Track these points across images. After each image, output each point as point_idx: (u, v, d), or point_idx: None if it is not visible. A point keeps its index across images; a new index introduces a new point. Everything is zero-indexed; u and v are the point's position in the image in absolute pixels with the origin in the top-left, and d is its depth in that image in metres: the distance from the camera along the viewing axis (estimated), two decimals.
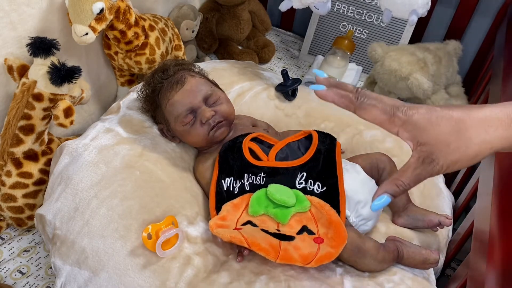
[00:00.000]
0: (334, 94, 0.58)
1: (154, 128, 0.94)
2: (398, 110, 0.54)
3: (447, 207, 0.96)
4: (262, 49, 1.53)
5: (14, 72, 0.86)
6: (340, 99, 0.57)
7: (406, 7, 1.02)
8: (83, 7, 0.86)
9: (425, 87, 1.20)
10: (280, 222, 0.75)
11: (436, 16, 1.45)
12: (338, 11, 1.46)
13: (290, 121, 1.09)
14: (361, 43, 1.47)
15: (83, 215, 0.77)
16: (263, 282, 0.72)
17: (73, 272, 0.74)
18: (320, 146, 0.86)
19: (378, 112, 0.55)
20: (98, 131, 0.89)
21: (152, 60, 1.10)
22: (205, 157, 0.91)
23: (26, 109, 0.85)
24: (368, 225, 0.84)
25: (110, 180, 0.81)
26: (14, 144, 0.87)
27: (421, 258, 0.82)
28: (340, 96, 0.57)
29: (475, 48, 1.45)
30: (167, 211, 0.79)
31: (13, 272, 0.89)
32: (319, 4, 1.06)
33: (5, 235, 0.95)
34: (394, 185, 0.55)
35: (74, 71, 0.83)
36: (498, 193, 0.72)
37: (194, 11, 1.35)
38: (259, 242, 0.69)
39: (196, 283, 0.71)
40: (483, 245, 0.67)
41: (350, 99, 0.57)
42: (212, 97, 0.90)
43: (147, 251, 0.73)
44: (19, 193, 0.90)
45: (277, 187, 0.78)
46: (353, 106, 0.57)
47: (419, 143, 0.53)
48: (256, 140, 0.88)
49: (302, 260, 0.70)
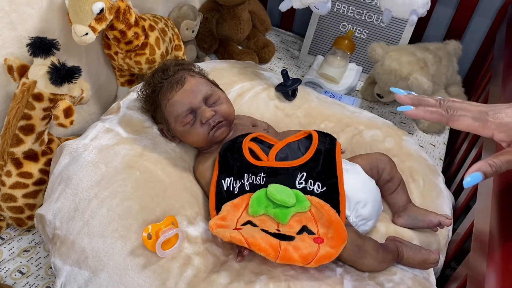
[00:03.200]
0: (424, 112, 0.62)
1: (154, 128, 0.95)
2: (487, 115, 0.58)
3: (447, 207, 0.96)
4: (262, 49, 1.53)
5: (14, 72, 0.86)
6: (431, 115, 0.62)
7: (406, 7, 1.02)
8: (83, 7, 0.86)
9: (425, 87, 1.20)
10: (280, 222, 0.75)
11: (436, 16, 1.45)
12: (338, 11, 1.46)
13: (290, 121, 1.09)
14: (361, 43, 1.47)
15: (83, 215, 0.77)
16: (263, 282, 0.72)
17: (73, 272, 0.74)
18: (320, 146, 0.86)
19: (470, 121, 0.59)
20: (98, 131, 0.89)
21: (152, 60, 1.10)
22: (205, 157, 0.91)
23: (26, 109, 0.85)
24: (368, 225, 0.84)
25: (110, 180, 0.81)
26: (14, 144, 0.87)
27: (421, 258, 0.82)
28: (430, 113, 0.62)
29: (475, 48, 1.45)
30: (167, 211, 0.79)
31: (13, 272, 0.89)
32: (319, 4, 1.06)
33: (5, 235, 0.95)
34: (487, 165, 0.58)
35: (74, 71, 0.83)
36: (498, 193, 0.72)
37: (194, 11, 1.35)
38: (259, 242, 0.69)
39: (196, 283, 0.71)
40: (483, 245, 0.67)
41: (441, 113, 0.61)
42: (212, 97, 0.90)
43: (147, 251, 0.73)
44: (19, 193, 0.90)
45: (277, 187, 0.78)
46: (445, 119, 0.61)
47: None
48: (256, 140, 0.88)
49: (302, 260, 0.70)
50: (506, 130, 0.58)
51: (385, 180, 0.90)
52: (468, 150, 1.14)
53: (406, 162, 1.00)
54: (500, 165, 0.58)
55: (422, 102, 0.63)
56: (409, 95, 0.64)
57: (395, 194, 0.91)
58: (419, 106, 0.63)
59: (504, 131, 0.58)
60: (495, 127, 0.58)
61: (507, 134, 0.58)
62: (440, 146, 1.28)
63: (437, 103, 0.62)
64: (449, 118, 0.60)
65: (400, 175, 0.93)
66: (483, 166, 0.58)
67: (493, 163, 0.58)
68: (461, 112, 0.60)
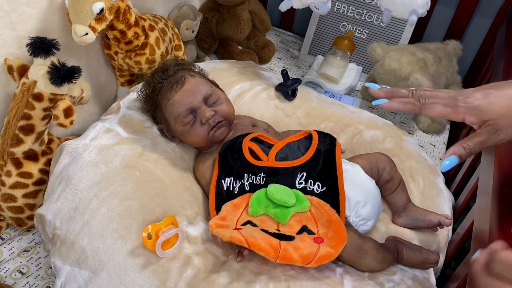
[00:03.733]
0: (398, 104, 0.66)
1: (154, 128, 0.95)
2: (457, 100, 0.62)
3: (447, 207, 0.96)
4: (262, 49, 1.53)
5: (14, 72, 0.86)
6: (405, 106, 0.66)
7: (406, 7, 1.02)
8: (83, 7, 0.86)
9: (425, 87, 1.20)
10: (280, 222, 0.75)
11: (436, 16, 1.45)
12: (338, 11, 1.46)
13: (290, 121, 1.09)
14: (361, 43, 1.47)
15: (83, 215, 0.77)
16: (263, 282, 0.72)
17: (73, 272, 0.74)
18: (320, 146, 0.86)
19: (441, 107, 0.63)
20: (98, 131, 0.89)
21: (152, 60, 1.10)
22: (205, 157, 0.91)
23: (26, 109, 0.85)
24: (368, 225, 0.84)
25: (110, 180, 0.81)
26: (14, 144, 0.87)
27: (421, 258, 0.82)
28: (404, 104, 0.66)
29: (475, 48, 1.45)
30: (167, 211, 0.79)
31: (13, 272, 0.89)
32: (319, 4, 1.06)
33: (5, 235, 0.95)
34: (461, 147, 0.61)
35: (74, 71, 0.83)
36: (498, 193, 0.72)
37: (194, 11, 1.35)
38: (259, 242, 0.69)
39: (196, 283, 0.71)
40: (483, 245, 0.67)
41: (413, 103, 0.65)
42: (212, 97, 0.90)
43: (147, 251, 0.73)
44: (19, 193, 0.90)
45: (277, 187, 0.78)
46: (417, 108, 0.65)
47: (484, 121, 0.61)
48: (256, 140, 0.88)
49: (302, 260, 0.70)
50: (475, 113, 0.61)
51: (385, 180, 0.90)
52: None
53: (406, 162, 1.00)
54: (473, 147, 0.61)
55: (395, 94, 0.67)
56: (383, 89, 0.68)
57: (395, 194, 0.91)
58: (392, 99, 0.66)
59: (474, 114, 0.61)
60: (465, 111, 0.62)
61: (476, 117, 0.61)
62: (440, 146, 1.28)
63: (409, 94, 0.65)
64: (421, 107, 0.64)
65: (400, 175, 0.93)
66: (457, 149, 0.62)
67: (466, 145, 0.61)
68: (433, 100, 0.64)
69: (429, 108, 0.64)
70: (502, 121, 0.60)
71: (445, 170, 0.62)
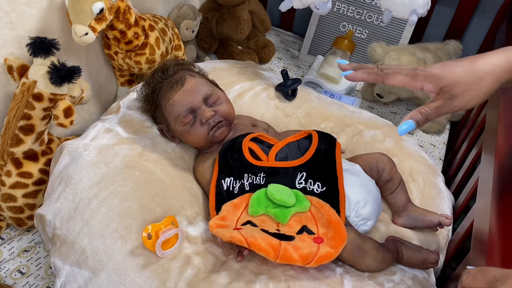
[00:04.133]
0: (362, 73, 0.70)
1: (154, 128, 0.95)
2: (417, 69, 0.66)
3: (447, 207, 0.96)
4: (262, 49, 1.53)
5: (14, 72, 0.86)
6: (369, 76, 0.69)
7: (406, 7, 1.02)
8: (83, 7, 0.86)
9: None
10: (280, 222, 0.75)
11: (436, 16, 1.45)
12: (338, 11, 1.46)
13: (290, 121, 1.09)
14: (361, 43, 1.47)
15: (83, 215, 0.77)
16: (263, 282, 0.72)
17: (73, 272, 0.74)
18: (320, 146, 0.86)
19: (402, 76, 0.67)
20: (98, 131, 0.89)
21: (152, 60, 1.10)
22: (205, 157, 0.91)
23: (26, 109, 0.85)
24: (368, 225, 0.84)
25: (110, 180, 0.81)
26: (14, 144, 0.87)
27: (421, 258, 0.82)
28: (368, 74, 0.70)
29: (475, 48, 1.45)
30: (167, 211, 0.79)
31: (13, 272, 0.89)
32: (319, 4, 1.06)
33: (5, 235, 0.95)
34: (418, 113, 0.65)
35: (74, 71, 0.83)
36: (498, 193, 0.72)
37: (194, 11, 1.35)
38: (259, 242, 0.69)
39: (196, 283, 0.71)
40: (483, 245, 0.67)
41: (377, 73, 0.69)
42: (212, 97, 0.90)
43: (147, 251, 0.73)
44: (19, 193, 0.90)
45: (277, 187, 0.78)
46: (381, 77, 0.69)
47: (441, 88, 0.64)
48: (256, 140, 0.88)
49: (302, 260, 0.70)
50: (433, 80, 0.65)
51: (385, 180, 0.90)
52: (468, 150, 1.14)
53: (406, 162, 1.00)
54: (429, 112, 0.65)
55: (362, 66, 0.71)
56: (351, 63, 0.71)
57: (395, 194, 0.91)
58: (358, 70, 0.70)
59: (431, 81, 0.65)
60: (423, 78, 0.65)
61: (434, 84, 0.65)
62: (440, 146, 1.28)
63: (374, 66, 0.69)
64: (384, 76, 0.68)
65: (400, 175, 0.93)
66: (414, 114, 0.65)
67: (423, 111, 0.65)
68: (395, 70, 0.68)
69: (391, 77, 0.68)
70: (457, 88, 0.63)
71: (402, 134, 0.65)
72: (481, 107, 1.16)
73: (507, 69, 0.62)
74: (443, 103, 0.64)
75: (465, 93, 0.63)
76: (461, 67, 0.63)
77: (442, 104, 0.64)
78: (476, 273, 0.47)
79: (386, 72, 0.68)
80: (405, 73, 0.67)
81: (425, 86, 0.66)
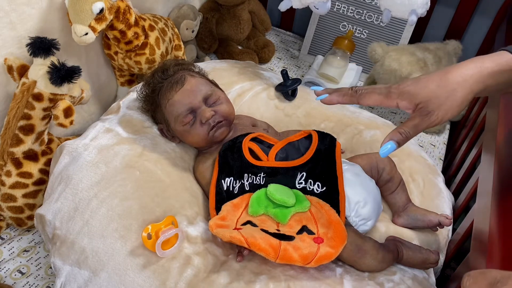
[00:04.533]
0: (337, 96, 0.71)
1: (154, 128, 0.95)
2: (391, 88, 0.67)
3: (447, 207, 0.96)
4: (262, 49, 1.53)
5: (14, 72, 0.86)
6: (344, 98, 0.70)
7: (406, 7, 1.02)
8: (83, 7, 0.86)
9: None
10: (280, 222, 0.75)
11: (436, 16, 1.45)
12: (338, 11, 1.46)
13: (290, 121, 1.09)
14: (361, 43, 1.47)
15: (83, 215, 0.77)
16: (263, 282, 0.72)
17: (73, 272, 0.74)
18: (320, 146, 0.86)
19: (375, 96, 0.68)
20: (98, 131, 0.89)
21: (152, 60, 1.10)
22: (205, 157, 0.91)
23: (26, 109, 0.85)
24: (368, 225, 0.84)
25: (110, 180, 0.81)
26: (14, 144, 0.87)
27: (421, 258, 0.82)
28: (343, 96, 0.71)
29: (475, 48, 1.45)
30: (167, 211, 0.79)
31: (13, 272, 0.89)
32: (318, 4, 1.06)
33: (5, 235, 0.95)
34: (397, 133, 0.65)
35: (74, 71, 0.83)
36: (498, 193, 0.72)
37: (194, 11, 1.35)
38: (259, 242, 0.69)
39: (196, 283, 0.71)
40: (483, 245, 0.67)
41: (351, 94, 0.70)
42: (212, 97, 0.90)
43: (147, 251, 0.73)
44: (19, 193, 0.90)
45: (277, 187, 0.78)
46: (355, 99, 0.69)
47: (415, 104, 0.65)
48: (256, 140, 0.88)
49: (302, 260, 0.70)
50: (407, 97, 0.65)
51: (385, 180, 0.90)
52: (468, 150, 1.14)
53: (406, 162, 1.00)
54: (408, 131, 0.65)
55: (336, 90, 0.72)
56: (327, 88, 0.73)
57: (395, 194, 0.91)
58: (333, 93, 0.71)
59: (406, 98, 0.65)
60: (397, 96, 0.66)
61: (408, 101, 0.65)
62: (440, 146, 1.28)
63: (349, 89, 0.70)
64: (358, 97, 0.69)
65: (400, 175, 0.93)
66: (394, 135, 0.65)
67: (402, 130, 0.65)
68: (368, 90, 0.68)
69: (365, 97, 0.68)
70: (431, 103, 0.63)
71: (384, 156, 0.65)
72: (481, 107, 1.16)
73: (478, 79, 0.62)
74: (420, 120, 0.64)
75: (440, 107, 0.63)
76: (432, 82, 0.64)
77: (420, 121, 0.64)
78: (476, 275, 0.47)
79: (360, 93, 0.69)
80: (378, 91, 0.67)
81: (400, 104, 0.66)
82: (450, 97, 0.63)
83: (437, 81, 0.64)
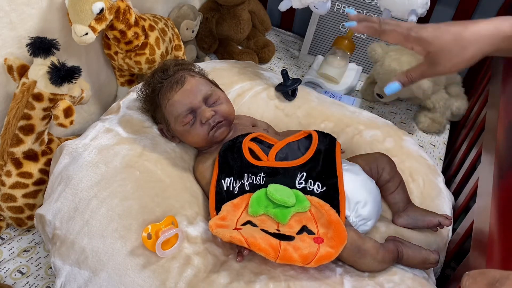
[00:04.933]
0: (363, 28, 0.73)
1: (154, 128, 0.95)
2: (411, 30, 0.69)
3: (447, 207, 0.96)
4: (262, 49, 1.53)
5: (14, 72, 0.86)
6: (369, 30, 0.73)
7: (405, 7, 1.02)
8: (83, 7, 0.86)
9: (425, 87, 1.20)
10: (280, 222, 0.75)
11: (436, 16, 1.45)
12: (338, 11, 1.46)
13: (290, 121, 1.09)
14: (361, 43, 1.47)
15: (83, 215, 0.77)
16: (263, 282, 0.72)
17: (73, 272, 0.74)
18: (320, 146, 0.86)
19: (396, 34, 0.70)
20: (98, 131, 0.89)
21: (152, 60, 1.10)
22: (205, 157, 0.91)
23: (26, 109, 0.85)
24: (368, 225, 0.84)
25: (110, 180, 0.81)
26: (14, 144, 0.87)
27: (421, 258, 0.82)
28: (368, 28, 0.73)
29: None
30: (167, 211, 0.79)
31: (13, 272, 0.89)
32: (318, 4, 1.06)
33: (5, 235, 0.95)
34: (404, 76, 0.71)
35: (74, 71, 0.83)
36: (498, 193, 0.72)
37: (194, 11, 1.35)
38: (259, 242, 0.69)
39: (196, 283, 0.71)
40: (483, 245, 0.67)
41: (375, 27, 0.72)
42: (212, 97, 0.90)
43: (147, 251, 0.73)
44: (19, 193, 0.90)
45: (277, 187, 0.78)
46: (377, 33, 0.72)
47: (428, 52, 0.68)
48: (256, 140, 0.88)
49: (302, 260, 0.70)
50: (422, 43, 0.68)
51: (385, 180, 0.90)
52: (468, 150, 1.14)
53: (406, 162, 1.00)
54: (414, 75, 0.71)
55: (367, 19, 0.74)
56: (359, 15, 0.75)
57: (395, 194, 0.91)
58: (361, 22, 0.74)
59: (420, 44, 0.68)
60: (414, 40, 0.69)
61: (422, 47, 0.69)
62: (440, 146, 1.28)
63: (377, 20, 0.72)
64: (381, 31, 0.72)
65: (400, 175, 0.93)
66: (400, 77, 0.72)
67: (409, 74, 0.71)
68: (392, 27, 0.71)
69: (387, 34, 0.71)
70: (441, 55, 0.67)
71: (389, 94, 0.72)
72: (481, 107, 1.16)
73: (492, 41, 0.64)
74: (427, 67, 0.69)
75: (449, 60, 0.66)
76: (449, 34, 0.66)
77: (427, 69, 0.69)
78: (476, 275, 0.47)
79: (384, 28, 0.71)
80: (400, 31, 0.70)
81: (415, 48, 0.70)
82: (460, 53, 0.65)
83: (454, 34, 0.65)
